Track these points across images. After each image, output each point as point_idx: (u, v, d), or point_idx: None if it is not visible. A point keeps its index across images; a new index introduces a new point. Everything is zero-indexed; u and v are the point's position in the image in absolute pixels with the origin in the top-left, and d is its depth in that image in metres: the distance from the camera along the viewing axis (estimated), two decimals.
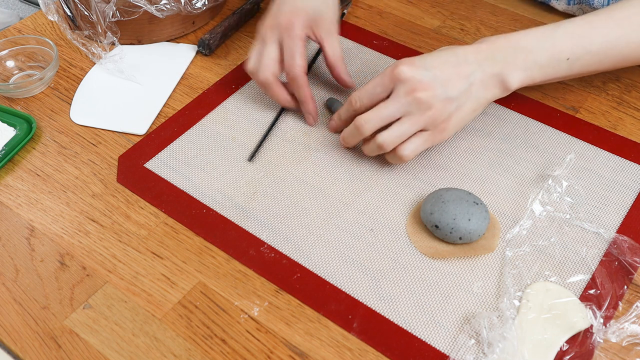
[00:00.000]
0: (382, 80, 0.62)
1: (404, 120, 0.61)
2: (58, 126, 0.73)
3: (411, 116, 0.61)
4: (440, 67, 0.61)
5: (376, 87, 0.62)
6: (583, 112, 0.73)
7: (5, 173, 0.69)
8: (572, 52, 0.64)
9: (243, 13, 0.85)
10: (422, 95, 0.60)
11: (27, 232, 0.63)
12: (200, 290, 0.58)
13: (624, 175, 0.66)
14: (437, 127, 0.62)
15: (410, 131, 0.61)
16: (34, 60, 0.80)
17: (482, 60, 0.62)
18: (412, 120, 0.61)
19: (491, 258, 0.59)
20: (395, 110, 0.61)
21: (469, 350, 0.53)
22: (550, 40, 0.63)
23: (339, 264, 0.59)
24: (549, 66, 0.64)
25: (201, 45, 0.81)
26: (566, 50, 0.64)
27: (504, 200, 0.64)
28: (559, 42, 0.63)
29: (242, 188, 0.66)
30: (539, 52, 0.63)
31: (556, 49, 0.63)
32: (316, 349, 0.54)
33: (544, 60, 0.63)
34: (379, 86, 0.62)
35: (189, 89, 0.77)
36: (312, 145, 0.70)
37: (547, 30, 0.64)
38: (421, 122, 0.61)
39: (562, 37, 0.64)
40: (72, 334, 0.56)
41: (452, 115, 0.62)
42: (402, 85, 0.60)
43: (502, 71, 0.62)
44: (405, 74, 0.60)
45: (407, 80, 0.60)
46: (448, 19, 0.86)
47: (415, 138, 0.62)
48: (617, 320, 0.54)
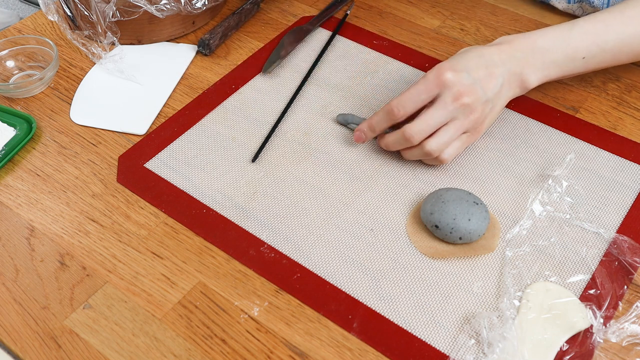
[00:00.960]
0: (427, 86, 0.61)
1: (449, 125, 0.62)
2: (58, 126, 0.73)
3: (456, 121, 0.62)
4: (475, 69, 0.62)
5: (421, 94, 0.61)
6: (583, 112, 0.73)
7: (5, 173, 0.69)
8: (588, 51, 0.66)
9: (243, 13, 0.85)
10: (467, 100, 0.60)
11: (27, 232, 0.63)
12: (200, 290, 0.58)
13: (624, 175, 0.66)
14: (476, 129, 0.63)
15: (455, 136, 0.63)
16: (34, 60, 0.80)
17: (505, 60, 0.63)
18: (457, 126, 0.62)
19: (491, 258, 0.59)
20: (443, 117, 0.61)
21: (469, 350, 0.53)
22: (566, 40, 0.65)
23: (339, 264, 0.59)
24: (566, 65, 0.66)
25: (201, 45, 0.81)
26: (582, 49, 0.66)
27: (504, 200, 0.64)
28: (574, 41, 0.65)
29: (242, 188, 0.66)
30: (556, 52, 0.65)
31: (572, 48, 0.65)
32: (316, 349, 0.54)
33: (561, 59, 0.65)
34: (424, 93, 0.61)
35: (189, 89, 0.77)
36: (312, 145, 0.70)
37: (564, 30, 0.66)
38: (465, 126, 0.62)
39: (578, 36, 0.65)
40: (72, 334, 0.56)
41: (487, 116, 0.64)
42: (448, 91, 0.60)
43: (523, 71, 0.64)
44: (451, 79, 0.60)
45: (453, 86, 0.60)
46: (448, 19, 0.86)
47: (456, 141, 0.63)
48: (617, 320, 0.54)
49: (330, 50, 0.82)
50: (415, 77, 0.77)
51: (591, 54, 0.66)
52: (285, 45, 0.81)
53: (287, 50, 0.80)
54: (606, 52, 0.66)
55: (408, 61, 0.79)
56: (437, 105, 0.61)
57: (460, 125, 0.62)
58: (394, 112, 0.63)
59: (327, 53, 0.81)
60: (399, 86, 0.76)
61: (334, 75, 0.78)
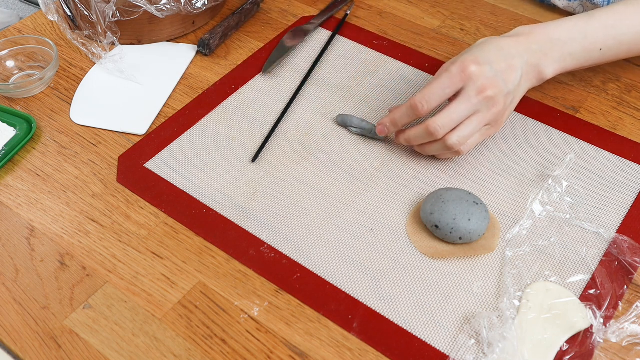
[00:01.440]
0: (452, 80, 0.61)
1: (472, 119, 0.62)
2: (58, 126, 0.73)
3: (479, 114, 0.61)
4: (496, 62, 0.61)
5: (445, 88, 0.61)
6: (583, 112, 0.73)
7: (5, 173, 0.69)
8: (604, 43, 0.66)
9: (243, 13, 0.85)
10: (491, 93, 0.60)
11: (27, 232, 0.63)
12: (200, 290, 0.58)
13: (624, 175, 0.66)
14: (497, 121, 0.63)
15: (477, 129, 0.62)
16: (34, 60, 0.80)
17: (522, 52, 0.63)
18: (479, 119, 0.62)
19: (491, 258, 0.59)
20: (467, 111, 0.61)
21: (469, 350, 0.53)
22: (583, 32, 0.65)
23: (339, 264, 0.59)
24: (582, 57, 0.66)
25: (201, 45, 0.81)
26: (599, 41, 0.66)
27: (504, 200, 0.64)
28: (591, 34, 0.65)
29: (242, 188, 0.66)
30: (573, 44, 0.65)
31: (589, 40, 0.65)
32: (316, 349, 0.54)
33: (577, 51, 0.65)
34: (449, 87, 0.61)
35: (189, 89, 0.77)
36: (312, 145, 0.70)
37: (580, 22, 0.66)
38: (487, 119, 0.62)
39: (595, 28, 0.66)
40: (72, 334, 0.56)
41: (507, 108, 0.64)
42: (472, 84, 0.60)
43: (540, 62, 0.64)
44: (475, 73, 0.60)
45: (477, 79, 0.60)
46: (448, 19, 0.86)
47: (477, 134, 0.63)
48: (617, 320, 0.54)
49: (330, 50, 0.82)
50: (415, 77, 0.77)
51: (607, 46, 0.66)
52: (285, 45, 0.81)
53: (287, 50, 0.80)
54: (622, 45, 0.67)
55: (408, 61, 0.79)
56: (461, 99, 0.61)
57: (483, 118, 0.62)
58: (418, 108, 0.62)
59: (327, 53, 0.81)
60: (399, 86, 0.76)
61: (334, 75, 0.78)
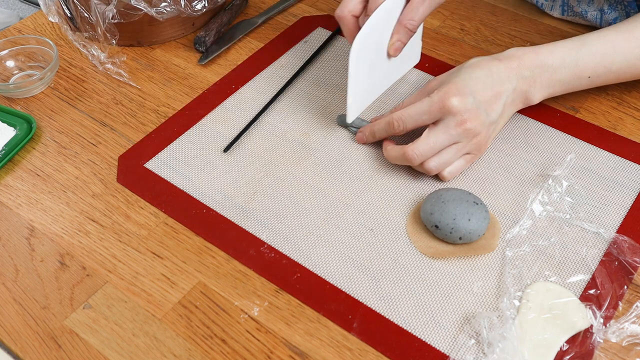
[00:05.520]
0: (430, 109, 0.61)
1: (452, 147, 0.62)
2: (58, 126, 0.73)
3: (459, 144, 0.62)
4: (481, 92, 0.62)
5: (423, 114, 0.62)
6: (583, 112, 0.73)
7: (5, 173, 0.69)
8: (594, 71, 0.67)
9: (234, 9, 0.86)
10: (470, 125, 0.61)
11: (27, 232, 0.63)
12: (200, 290, 0.58)
13: (624, 175, 0.66)
14: (479, 149, 0.64)
15: (456, 157, 0.63)
16: (34, 60, 0.80)
17: (512, 77, 0.64)
18: (459, 147, 0.63)
19: (491, 258, 0.59)
20: (446, 141, 0.62)
21: (469, 350, 0.53)
22: (574, 59, 0.66)
23: (339, 264, 0.59)
24: (571, 83, 0.67)
25: (197, 42, 0.81)
26: (589, 69, 0.66)
27: (504, 200, 0.64)
28: (582, 61, 0.66)
29: (242, 188, 0.66)
30: (563, 71, 0.66)
31: (580, 68, 0.66)
32: (316, 349, 0.54)
33: (567, 78, 0.66)
34: (426, 114, 0.62)
35: (189, 89, 0.77)
36: (312, 145, 0.70)
37: (572, 49, 0.66)
38: (467, 148, 0.63)
39: (586, 56, 0.66)
40: (72, 334, 0.56)
41: (490, 136, 0.64)
42: (452, 118, 0.61)
43: (529, 89, 0.65)
44: (456, 106, 0.60)
45: (458, 113, 0.60)
46: (448, 19, 0.86)
47: (459, 161, 0.64)
48: (617, 320, 0.54)
49: (330, 50, 0.82)
50: (415, 77, 0.77)
51: (596, 74, 0.67)
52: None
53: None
54: (611, 72, 0.67)
55: None
56: (440, 129, 0.61)
57: (462, 147, 0.63)
58: (394, 126, 0.64)
59: (327, 53, 0.81)
60: (399, 86, 0.76)
61: (334, 75, 0.78)
